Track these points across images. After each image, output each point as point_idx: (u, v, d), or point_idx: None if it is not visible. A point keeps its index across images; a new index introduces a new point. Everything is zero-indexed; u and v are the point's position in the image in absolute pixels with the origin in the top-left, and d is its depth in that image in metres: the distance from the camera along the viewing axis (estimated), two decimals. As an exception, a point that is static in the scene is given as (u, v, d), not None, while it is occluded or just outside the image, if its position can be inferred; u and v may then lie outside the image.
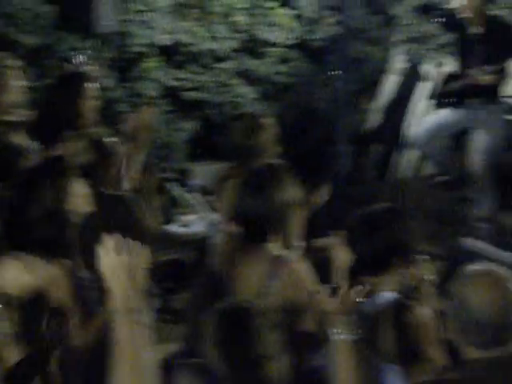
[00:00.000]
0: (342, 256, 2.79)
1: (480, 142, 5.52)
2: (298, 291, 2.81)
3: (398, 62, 6.97)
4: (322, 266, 3.01)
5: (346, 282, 2.69)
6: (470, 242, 4.44)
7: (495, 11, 6.27)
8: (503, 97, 5.77)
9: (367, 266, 2.75)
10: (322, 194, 3.95)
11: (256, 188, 2.89)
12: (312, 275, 2.91)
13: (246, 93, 6.14)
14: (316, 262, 3.20)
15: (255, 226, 2.89)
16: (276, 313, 2.23)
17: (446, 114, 5.70)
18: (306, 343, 2.72)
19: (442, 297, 2.55)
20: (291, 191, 2.92)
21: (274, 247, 2.92)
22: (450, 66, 6.02)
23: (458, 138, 6.04)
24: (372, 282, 2.73)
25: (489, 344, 2.15)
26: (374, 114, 7.18)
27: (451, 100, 5.66)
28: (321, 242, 3.42)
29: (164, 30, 5.82)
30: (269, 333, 2.16)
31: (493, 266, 2.25)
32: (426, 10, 6.76)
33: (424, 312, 2.67)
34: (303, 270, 2.89)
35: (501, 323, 2.14)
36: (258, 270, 2.86)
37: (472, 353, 2.18)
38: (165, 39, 5.84)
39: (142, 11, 5.77)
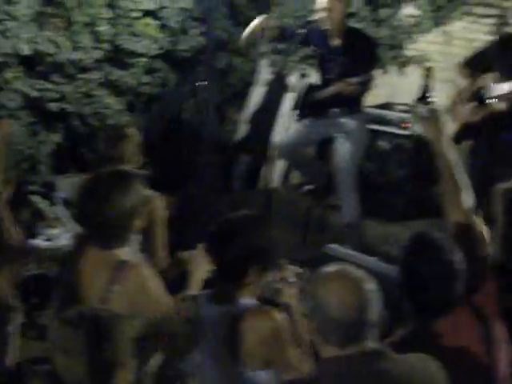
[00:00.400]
0: (200, 265, 2.82)
1: (344, 151, 5.63)
2: (143, 296, 2.82)
3: (264, 73, 7.07)
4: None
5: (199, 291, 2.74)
6: (335, 248, 4.54)
7: (354, 24, 6.50)
8: (366, 106, 5.95)
9: (228, 273, 2.77)
10: (177, 202, 4.03)
11: (99, 193, 2.88)
12: (158, 280, 2.93)
13: (111, 104, 6.06)
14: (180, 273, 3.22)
15: (100, 232, 2.88)
16: (121, 318, 2.20)
17: (310, 124, 5.79)
18: (166, 348, 2.72)
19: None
20: (136, 198, 2.93)
21: (121, 253, 2.92)
22: (313, 77, 6.15)
23: (322, 147, 6.17)
24: (233, 288, 2.76)
25: (345, 342, 2.20)
26: (242, 125, 7.26)
27: (315, 110, 5.77)
28: (186, 254, 3.43)
29: (25, 39, 5.67)
30: (116, 339, 2.14)
31: (347, 267, 2.31)
32: (292, 22, 6.90)
33: (281, 316, 2.71)
34: (148, 274, 2.90)
35: (356, 321, 2.19)
36: (102, 276, 2.85)
37: (329, 351, 2.23)
38: (26, 49, 5.68)
39: (1, 20, 5.59)
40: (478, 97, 4.61)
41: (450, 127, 4.68)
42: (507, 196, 3.09)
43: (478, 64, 4.61)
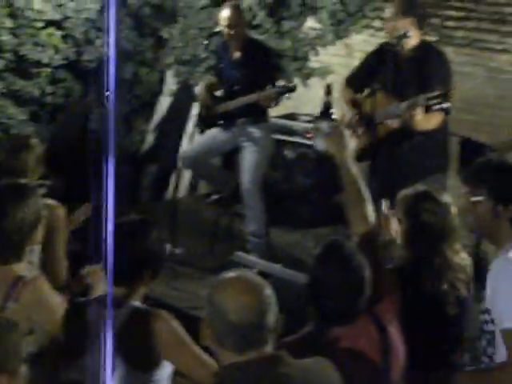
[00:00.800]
0: (101, 279, 2.83)
1: (250, 160, 5.70)
2: (40, 311, 2.81)
3: (171, 84, 7.10)
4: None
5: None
6: (241, 256, 4.60)
7: (257, 35, 6.61)
8: (271, 117, 6.05)
9: (120, 277, 2.77)
10: (82, 214, 4.01)
11: None
12: (56, 295, 2.92)
13: (14, 114, 5.98)
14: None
15: None
16: (15, 327, 2.21)
17: (216, 134, 5.84)
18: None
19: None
20: (34, 211, 2.92)
21: (18, 268, 2.90)
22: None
23: (228, 156, 6.24)
24: (124, 292, 2.77)
25: (243, 347, 2.23)
26: (150, 135, 7.26)
27: (222, 120, 5.82)
28: (88, 268, 3.40)
29: None
30: (5, 346, 2.14)
31: (245, 272, 2.35)
32: (195, 34, 6.95)
33: (168, 318, 2.76)
34: (46, 289, 2.89)
35: (254, 326, 2.22)
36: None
37: (227, 357, 2.26)
38: None
39: None
40: (369, 117, 4.73)
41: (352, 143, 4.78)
42: (406, 201, 3.22)
43: (359, 82, 4.71)
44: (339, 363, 2.38)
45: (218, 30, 5.83)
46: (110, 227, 2.52)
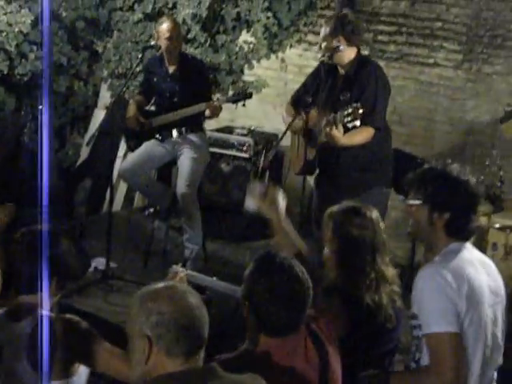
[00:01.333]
0: None
1: (187, 165, 5.69)
2: None
3: (106, 97, 7.07)
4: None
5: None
6: (177, 269, 4.57)
7: (192, 50, 6.65)
8: (207, 130, 6.07)
9: (28, 286, 2.76)
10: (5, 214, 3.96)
11: None
12: None
13: None
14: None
15: None
16: None
17: (154, 146, 5.83)
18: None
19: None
20: None
21: None
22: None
23: (165, 169, 6.23)
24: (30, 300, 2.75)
25: (178, 357, 2.22)
26: (85, 149, 7.20)
27: (158, 133, 5.81)
28: None
29: None
30: None
31: (175, 282, 2.34)
32: (130, 48, 6.95)
33: (84, 322, 2.76)
34: None
35: (186, 334, 2.22)
36: None
37: (164, 365, 2.23)
38: None
39: None
40: (313, 134, 4.79)
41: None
42: (334, 218, 3.25)
43: (301, 101, 4.77)
44: (274, 381, 2.39)
45: (152, 43, 5.84)
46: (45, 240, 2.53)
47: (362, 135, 4.62)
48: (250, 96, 5.68)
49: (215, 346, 2.49)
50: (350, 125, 4.33)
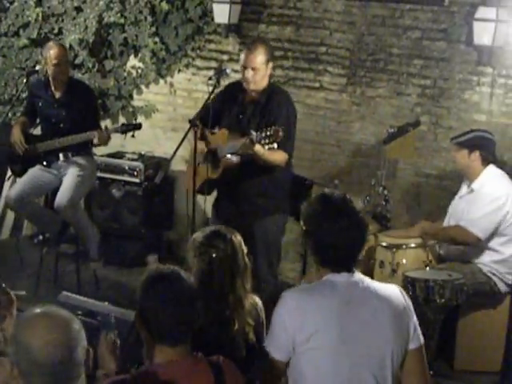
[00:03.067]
0: None
1: (70, 181, 5.60)
2: None
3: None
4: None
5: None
6: (68, 296, 4.49)
7: (80, 75, 6.59)
8: (98, 155, 6.01)
9: None
10: None
11: None
12: None
13: None
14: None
15: None
16: None
17: (40, 172, 5.72)
18: None
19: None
20: None
21: None
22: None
23: (53, 195, 6.13)
24: None
25: None
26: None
27: (43, 158, 5.71)
28: None
29: None
30: None
31: (52, 308, 2.26)
32: (16, 73, 6.84)
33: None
34: None
35: (63, 363, 2.16)
36: None
37: None
38: None
39: None
40: (216, 154, 4.83)
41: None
42: (195, 243, 3.25)
43: (202, 120, 4.80)
44: None
45: (37, 68, 5.77)
46: None
47: (280, 156, 4.72)
48: (139, 127, 5.71)
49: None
50: (267, 146, 4.42)
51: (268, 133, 4.39)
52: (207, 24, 6.65)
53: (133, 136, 6.34)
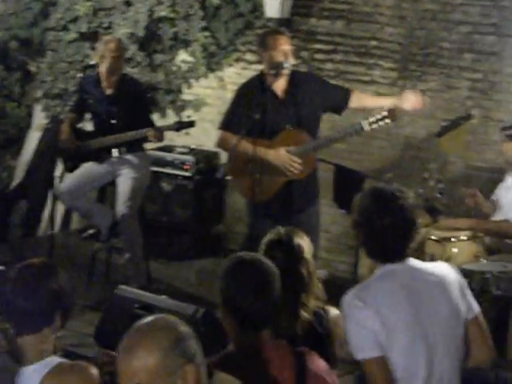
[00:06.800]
0: None
1: (126, 186, 5.65)
2: None
3: (41, 118, 6.97)
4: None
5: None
6: (125, 289, 4.52)
7: (130, 69, 6.62)
8: (148, 149, 6.05)
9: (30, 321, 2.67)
10: None
11: None
12: None
13: None
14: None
15: None
16: None
17: (93, 167, 5.76)
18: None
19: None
20: None
21: None
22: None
23: (104, 190, 6.18)
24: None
25: None
26: (20, 171, 7.09)
27: (97, 153, 5.75)
28: None
29: None
30: None
31: (163, 316, 2.22)
32: (65, 68, 6.89)
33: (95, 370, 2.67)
34: None
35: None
36: None
37: None
38: None
39: None
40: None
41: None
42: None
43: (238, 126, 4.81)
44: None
45: (92, 62, 5.79)
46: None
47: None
48: (193, 125, 5.71)
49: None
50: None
51: (379, 116, 4.55)
52: (258, 18, 6.65)
53: (187, 133, 6.33)
